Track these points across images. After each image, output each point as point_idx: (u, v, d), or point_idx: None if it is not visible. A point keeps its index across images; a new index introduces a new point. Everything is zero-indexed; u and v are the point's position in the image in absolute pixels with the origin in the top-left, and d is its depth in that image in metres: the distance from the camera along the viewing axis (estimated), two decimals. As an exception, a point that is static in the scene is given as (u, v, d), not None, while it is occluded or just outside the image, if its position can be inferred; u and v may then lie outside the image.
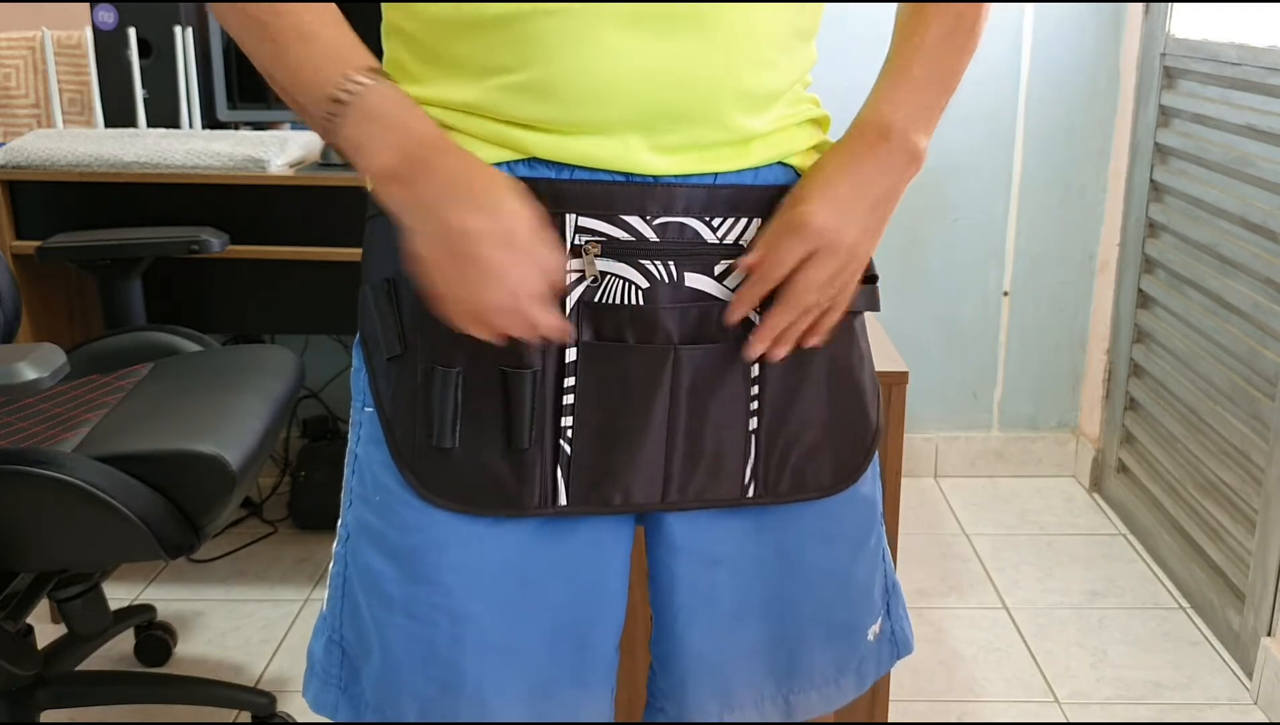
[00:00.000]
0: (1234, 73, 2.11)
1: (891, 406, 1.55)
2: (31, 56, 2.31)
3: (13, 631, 1.65)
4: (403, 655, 0.92)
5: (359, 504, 0.94)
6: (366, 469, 0.93)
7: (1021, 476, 2.84)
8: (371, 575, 0.92)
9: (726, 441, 0.92)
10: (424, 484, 0.89)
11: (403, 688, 0.92)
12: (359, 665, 0.95)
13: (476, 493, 0.89)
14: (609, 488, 0.90)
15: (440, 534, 0.90)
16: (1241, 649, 2.02)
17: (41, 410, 1.68)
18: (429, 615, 0.91)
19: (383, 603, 0.92)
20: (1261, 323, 2.00)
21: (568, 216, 0.86)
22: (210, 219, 2.05)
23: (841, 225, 0.86)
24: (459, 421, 0.88)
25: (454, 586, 0.90)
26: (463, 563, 0.90)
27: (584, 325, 0.87)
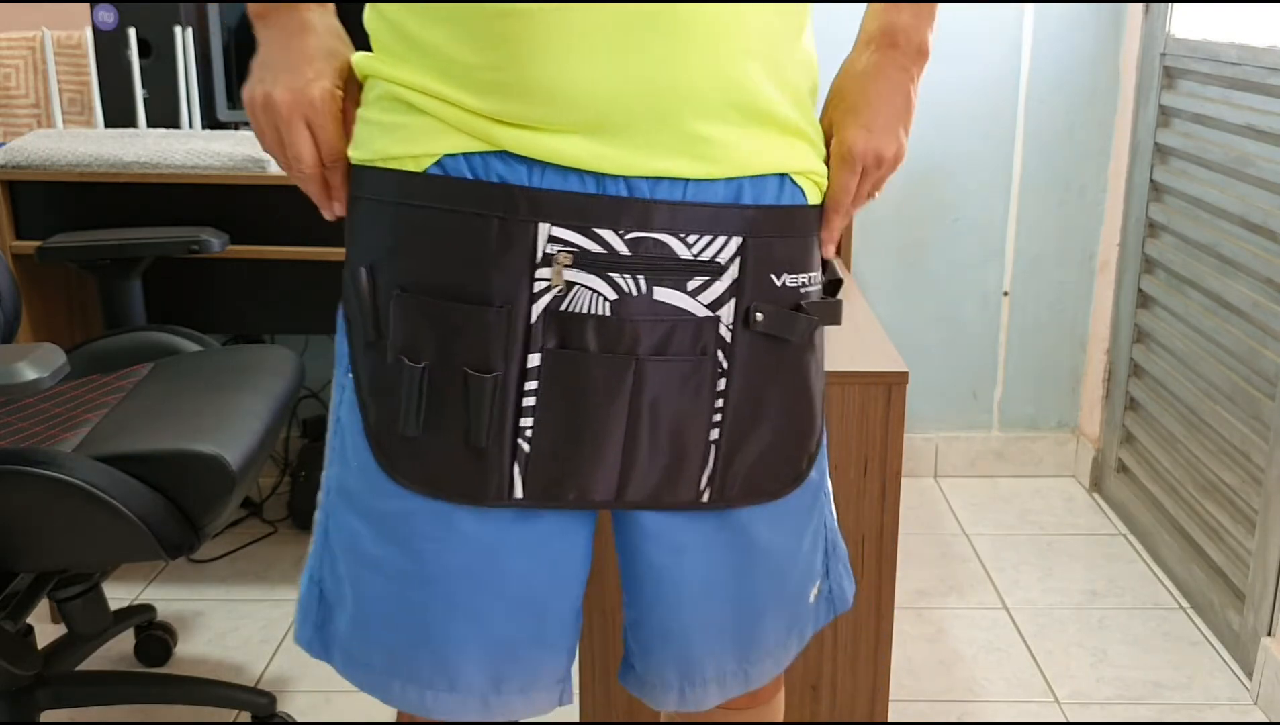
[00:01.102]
0: (1234, 73, 2.11)
1: (891, 406, 1.55)
2: (31, 56, 2.31)
3: (13, 631, 1.65)
4: (374, 609, 0.97)
5: (339, 464, 0.98)
6: (347, 434, 0.96)
7: (1021, 476, 2.84)
8: (350, 532, 0.97)
9: (687, 450, 0.94)
10: (393, 467, 0.93)
11: (372, 638, 0.98)
12: (333, 609, 1.00)
13: (440, 480, 0.92)
14: (565, 486, 0.94)
15: (413, 506, 0.94)
16: (1241, 649, 2.02)
17: (41, 410, 1.68)
18: (401, 576, 0.95)
19: (358, 558, 0.97)
20: (1261, 323, 2.00)
21: (540, 225, 0.87)
22: (210, 219, 2.06)
23: (881, 144, 0.96)
24: (423, 413, 0.91)
25: (425, 554, 0.95)
26: (433, 534, 0.94)
27: (549, 333, 0.89)
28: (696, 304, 0.90)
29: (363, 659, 0.99)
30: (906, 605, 2.23)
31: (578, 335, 0.89)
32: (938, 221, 2.70)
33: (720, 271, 0.90)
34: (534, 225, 0.86)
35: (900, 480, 1.58)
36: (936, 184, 2.67)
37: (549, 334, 0.89)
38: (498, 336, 0.88)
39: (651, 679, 1.06)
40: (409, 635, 0.97)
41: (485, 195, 0.87)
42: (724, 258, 0.90)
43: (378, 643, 0.98)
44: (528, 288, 0.88)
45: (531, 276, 0.87)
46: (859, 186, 0.97)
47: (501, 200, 0.86)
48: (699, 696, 1.06)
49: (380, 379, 0.92)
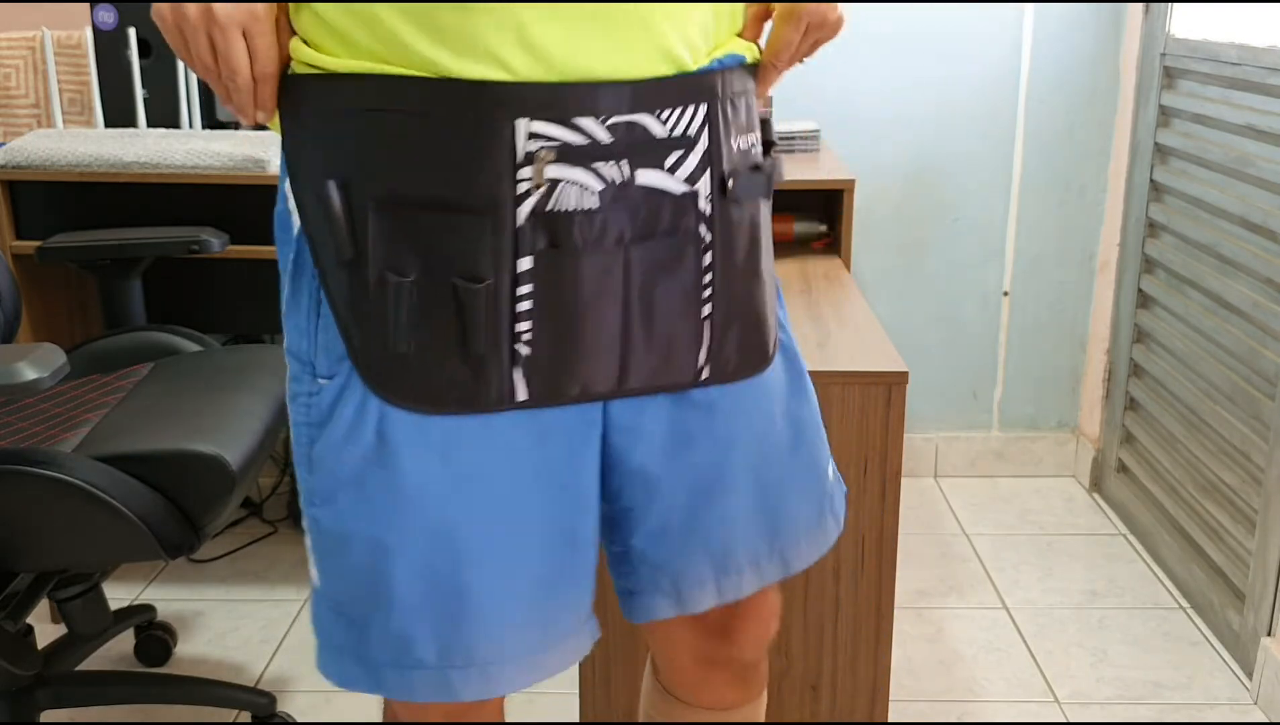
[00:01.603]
0: (1234, 73, 2.11)
1: (891, 406, 1.55)
2: (31, 56, 2.31)
3: (13, 631, 1.65)
4: (407, 595, 0.92)
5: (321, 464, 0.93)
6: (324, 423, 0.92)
7: (1021, 476, 2.84)
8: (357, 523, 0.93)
9: (681, 330, 0.95)
10: (384, 388, 0.89)
11: (415, 634, 0.93)
12: (365, 623, 0.94)
13: (436, 394, 0.89)
14: (567, 383, 0.92)
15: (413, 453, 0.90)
16: (1241, 649, 2.02)
17: (41, 410, 1.68)
18: (423, 545, 0.92)
19: (373, 550, 0.92)
20: (1261, 323, 2.00)
21: (517, 122, 0.84)
22: (210, 219, 2.05)
23: (827, 4, 0.95)
24: (414, 328, 0.88)
25: (440, 504, 0.91)
26: (445, 475, 0.91)
27: (538, 234, 0.87)
28: (674, 181, 0.90)
29: (413, 662, 0.94)
30: (906, 605, 2.23)
31: (566, 232, 0.87)
32: (938, 221, 2.70)
33: (693, 144, 0.91)
34: (511, 123, 0.84)
35: (900, 480, 1.58)
36: (936, 184, 2.67)
37: (538, 235, 0.87)
38: (485, 245, 0.86)
39: (685, 583, 1.04)
40: (452, 610, 0.93)
41: (458, 95, 0.84)
42: (694, 129, 0.90)
43: (423, 636, 0.93)
44: (511, 190, 0.85)
45: (514, 178, 0.85)
46: (799, 44, 0.96)
47: (474, 99, 0.84)
48: (735, 584, 1.06)
49: (360, 301, 0.89)
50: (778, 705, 1.69)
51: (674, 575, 1.04)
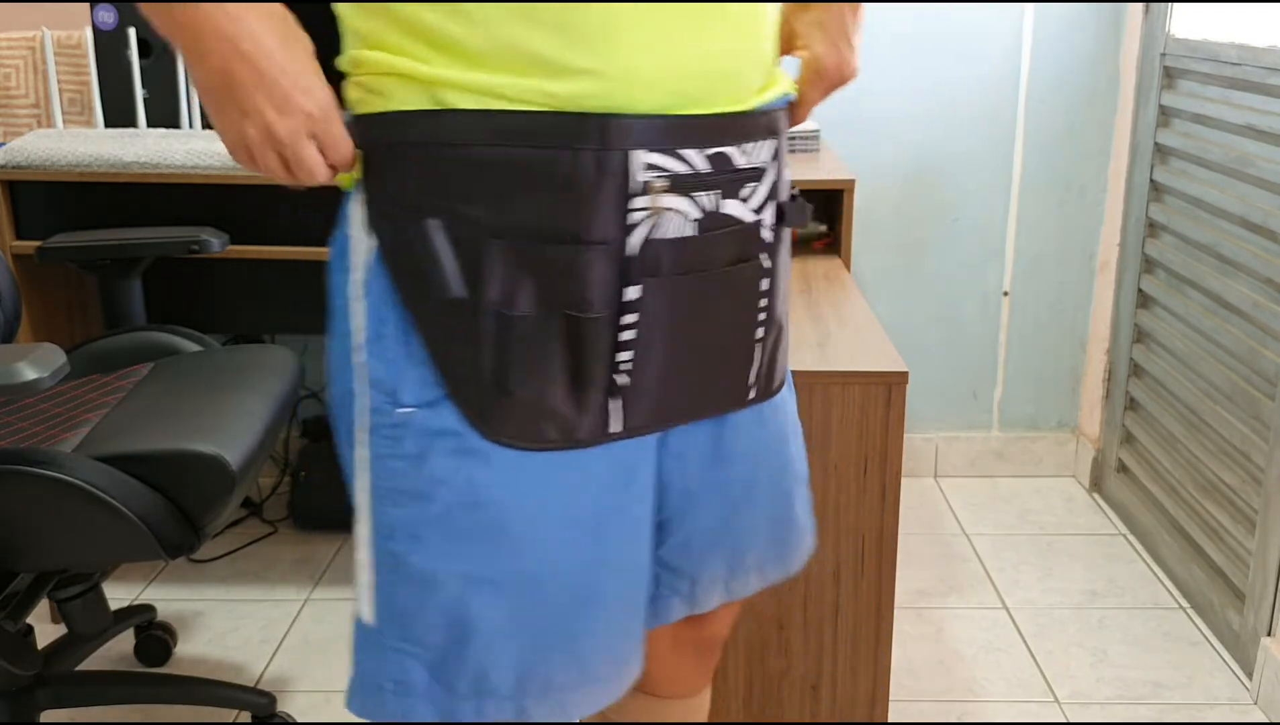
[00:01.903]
0: (1234, 73, 2.11)
1: (891, 406, 1.55)
2: (31, 56, 2.31)
3: (13, 631, 1.65)
4: (490, 630, 0.90)
5: (407, 501, 0.90)
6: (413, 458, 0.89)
7: (1021, 476, 2.84)
8: (447, 561, 0.89)
9: (742, 355, 0.99)
10: (485, 423, 0.88)
11: (492, 661, 0.91)
12: (440, 663, 0.91)
13: (538, 429, 0.89)
14: (653, 411, 0.94)
15: (510, 488, 0.89)
16: (1241, 649, 2.02)
17: (41, 410, 1.68)
18: (516, 581, 0.90)
19: (462, 587, 0.89)
20: (1261, 323, 2.00)
21: (633, 153, 0.85)
22: (210, 219, 2.05)
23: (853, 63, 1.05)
24: (523, 363, 0.87)
25: (536, 541, 0.90)
26: (540, 510, 0.90)
27: (645, 263, 0.88)
28: (746, 210, 0.94)
29: (488, 690, 0.92)
30: (906, 605, 2.23)
31: (669, 261, 0.89)
32: (938, 221, 2.70)
33: (762, 175, 0.95)
34: (626, 153, 0.85)
35: (900, 480, 1.58)
36: (936, 184, 2.67)
37: (645, 264, 0.88)
38: (598, 275, 0.86)
39: (700, 585, 1.08)
40: (537, 643, 0.92)
41: (575, 128, 0.84)
42: (764, 161, 0.95)
43: (501, 667, 0.91)
44: (623, 220, 0.86)
45: (626, 207, 0.86)
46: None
47: (593, 131, 0.84)
48: (743, 585, 1.10)
49: (461, 336, 0.87)
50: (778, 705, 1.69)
51: (692, 579, 1.07)
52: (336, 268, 0.93)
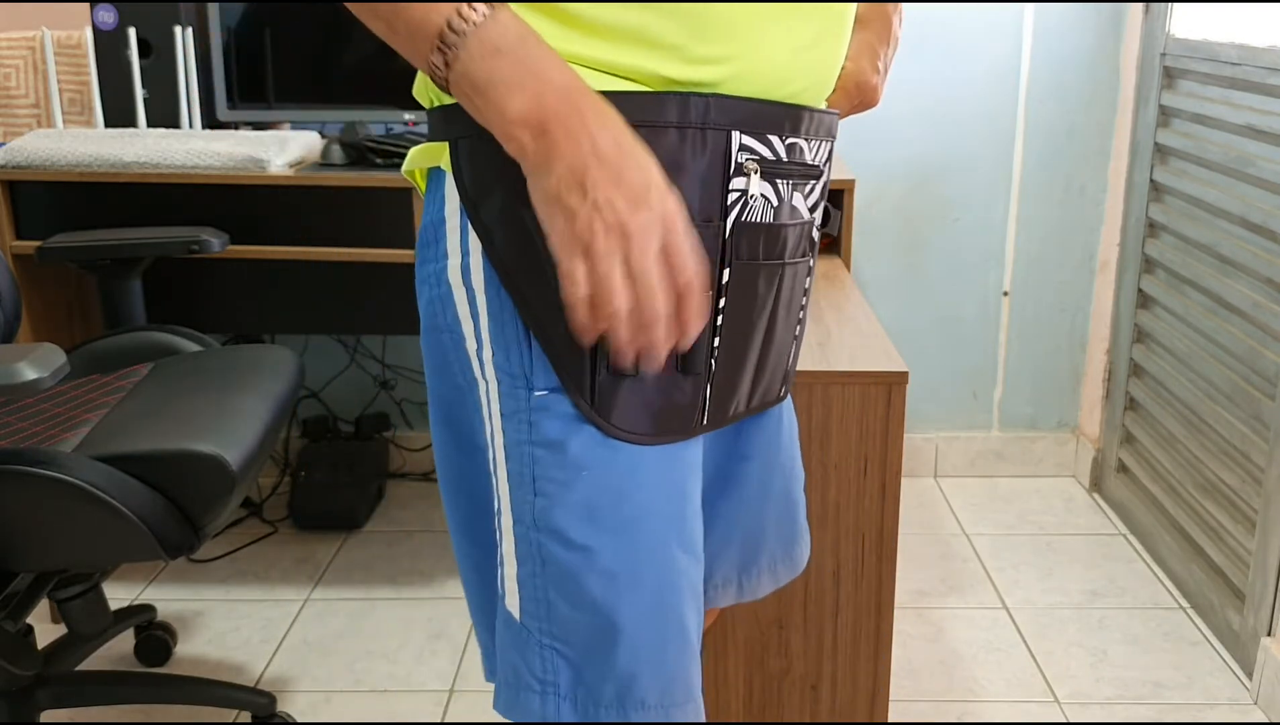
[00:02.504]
0: (1234, 73, 2.11)
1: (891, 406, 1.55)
2: (31, 56, 2.31)
3: (13, 631, 1.65)
4: (635, 633, 0.87)
5: (548, 489, 0.86)
6: (550, 446, 0.86)
7: (1021, 476, 2.84)
8: (583, 557, 0.86)
9: (787, 350, 0.99)
10: (605, 416, 0.85)
11: (640, 668, 0.88)
12: (586, 662, 0.89)
13: (656, 419, 0.86)
14: (732, 402, 0.93)
15: (635, 480, 0.87)
16: (1241, 649, 2.02)
17: (41, 410, 1.68)
18: (650, 579, 0.88)
19: (605, 584, 0.86)
20: (1261, 323, 2.00)
21: (733, 133, 0.84)
22: (210, 219, 2.06)
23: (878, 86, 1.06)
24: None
25: (663, 536, 0.88)
26: (663, 511, 0.88)
27: (738, 246, 0.87)
28: (805, 206, 0.94)
29: (635, 703, 0.89)
30: (906, 605, 2.23)
31: (752, 245, 0.88)
32: (938, 221, 2.70)
33: (820, 175, 0.95)
34: (728, 133, 0.83)
35: (900, 480, 1.58)
36: (936, 183, 2.67)
37: (736, 248, 0.87)
38: (707, 255, 0.84)
39: (710, 583, 1.07)
40: (677, 646, 0.90)
41: (683, 105, 0.82)
42: (823, 160, 0.94)
43: (647, 674, 0.89)
44: (724, 200, 0.85)
45: (726, 187, 0.85)
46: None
47: (701, 109, 0.82)
48: (754, 586, 1.10)
49: (561, 329, 0.83)
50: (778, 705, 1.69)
51: (705, 575, 1.06)
52: (430, 257, 0.89)
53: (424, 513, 2.64)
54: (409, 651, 2.09)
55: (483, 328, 0.86)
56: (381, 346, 2.75)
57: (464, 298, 0.87)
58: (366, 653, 2.09)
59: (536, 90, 0.74)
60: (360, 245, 2.05)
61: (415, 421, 2.82)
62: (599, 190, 0.73)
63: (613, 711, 0.89)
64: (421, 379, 2.77)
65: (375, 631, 2.15)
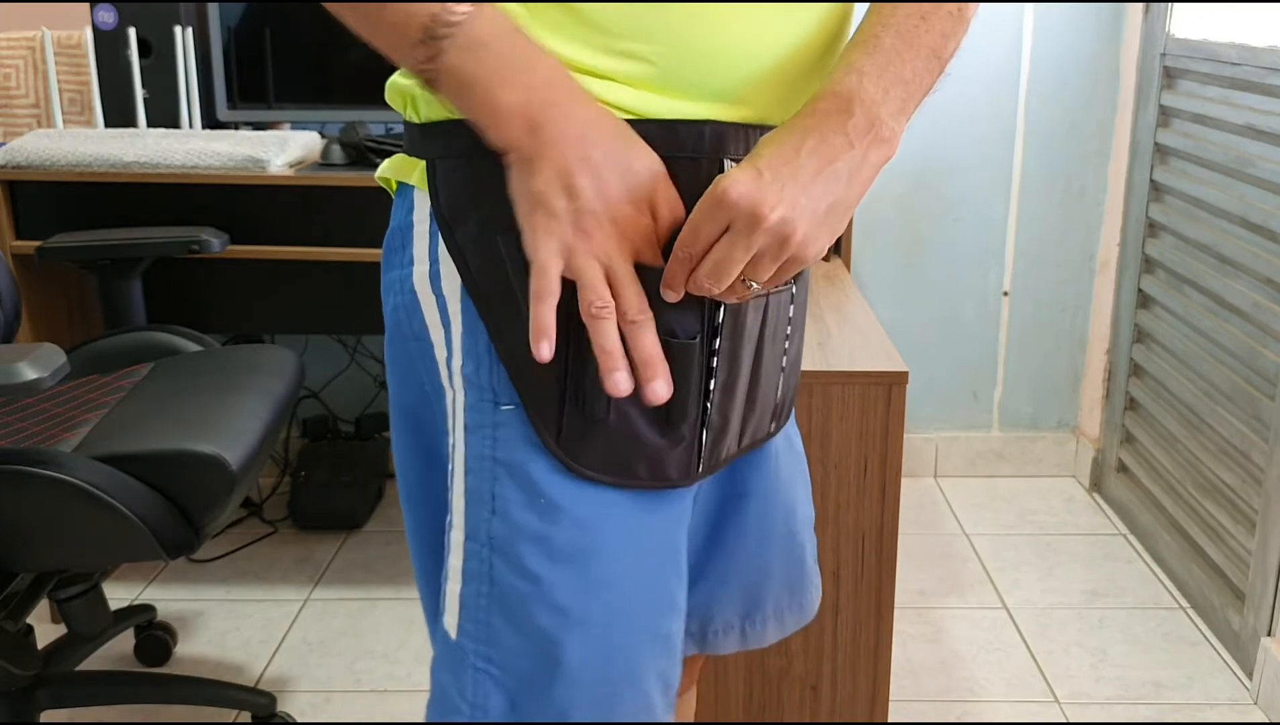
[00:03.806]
0: (1234, 73, 2.11)
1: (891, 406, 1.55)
2: (31, 56, 2.31)
3: (13, 631, 1.65)
4: (576, 669, 0.84)
5: (507, 510, 0.83)
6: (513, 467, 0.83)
7: (1021, 476, 2.83)
8: (533, 587, 0.83)
9: (774, 383, 0.93)
10: (573, 457, 0.81)
11: (574, 703, 0.85)
12: (522, 693, 0.85)
13: (629, 465, 0.82)
14: (724, 447, 0.89)
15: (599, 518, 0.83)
16: (1241, 649, 2.02)
17: (41, 410, 1.68)
18: (600, 619, 0.84)
19: (551, 615, 0.83)
20: (1261, 323, 2.00)
21: (726, 162, 0.81)
22: (210, 219, 2.06)
23: (764, 198, 0.73)
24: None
25: (624, 583, 0.84)
26: (628, 554, 0.84)
27: None
28: None
29: None
30: (906, 605, 2.23)
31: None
32: (938, 221, 2.70)
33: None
34: (721, 161, 0.80)
35: (900, 480, 1.58)
36: (936, 183, 2.67)
37: None
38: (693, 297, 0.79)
39: (710, 627, 1.03)
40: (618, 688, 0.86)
41: (682, 136, 0.79)
42: None
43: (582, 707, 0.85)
44: None
45: None
46: (721, 247, 0.75)
47: (696, 139, 0.79)
48: (759, 634, 1.05)
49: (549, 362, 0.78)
50: (778, 705, 1.69)
51: (702, 619, 1.03)
52: (396, 263, 0.87)
53: (424, 513, 2.64)
54: (409, 651, 2.09)
55: (454, 336, 0.84)
56: (381, 347, 2.75)
57: (432, 305, 0.85)
58: (366, 653, 2.09)
59: (527, 84, 0.73)
60: (360, 245, 2.05)
61: (415, 421, 2.81)
62: (584, 196, 0.73)
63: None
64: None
65: (375, 631, 2.15)
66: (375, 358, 2.75)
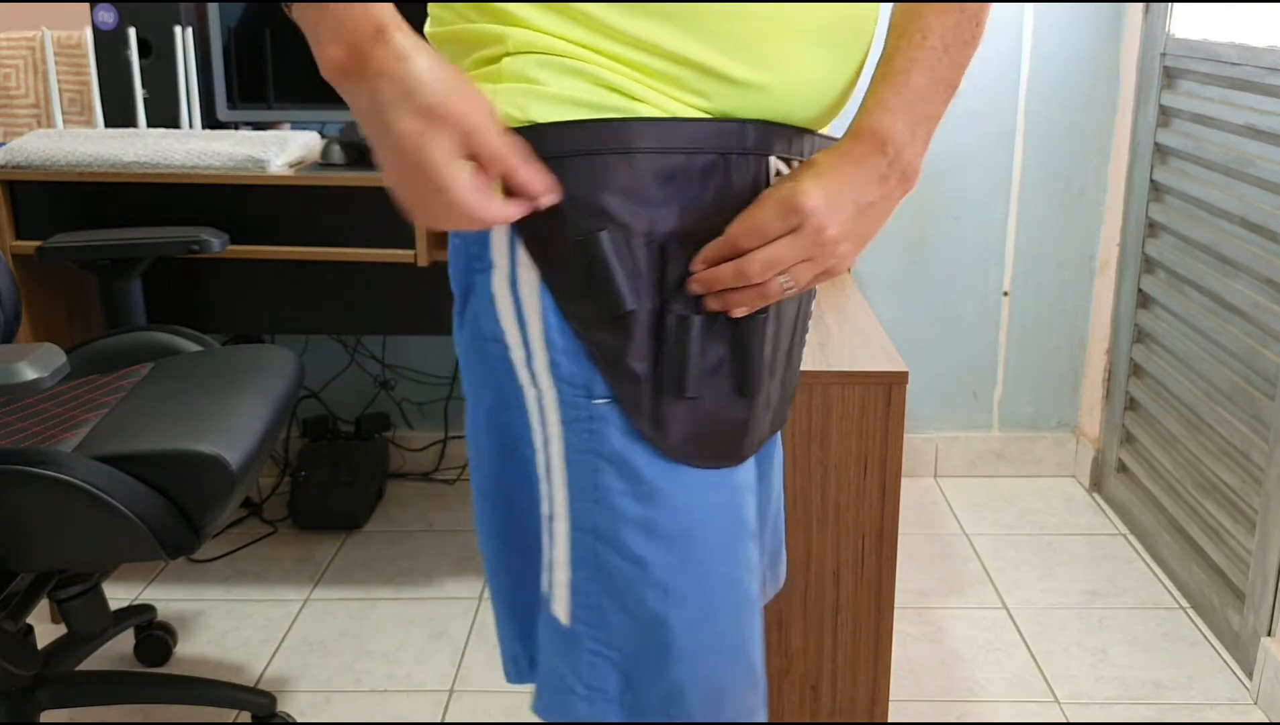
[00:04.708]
0: (1234, 73, 2.11)
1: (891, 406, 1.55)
2: (31, 56, 2.31)
3: (13, 631, 1.65)
4: (686, 648, 0.89)
5: (610, 499, 0.87)
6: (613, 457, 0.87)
7: (1021, 476, 2.83)
8: (639, 569, 0.87)
9: (795, 371, 1.00)
10: (668, 442, 0.86)
11: (689, 682, 0.90)
12: (635, 671, 0.90)
13: (713, 444, 0.88)
14: (766, 423, 0.94)
15: (691, 497, 0.88)
16: (1241, 649, 2.02)
17: (41, 410, 1.68)
18: (705, 596, 0.89)
19: (660, 597, 0.88)
20: (1261, 323, 2.00)
21: (770, 159, 0.87)
22: (210, 219, 2.06)
23: (828, 215, 0.83)
24: (700, 372, 0.86)
25: (718, 557, 0.89)
26: (717, 529, 0.89)
27: None
28: None
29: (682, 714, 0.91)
30: (906, 605, 2.23)
31: None
32: (938, 220, 2.70)
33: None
34: (767, 159, 0.87)
35: (900, 480, 1.58)
36: (937, 183, 2.67)
37: None
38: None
39: None
40: (729, 664, 0.92)
41: (735, 134, 0.85)
42: None
43: (696, 688, 0.90)
44: None
45: None
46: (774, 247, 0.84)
47: (748, 137, 0.86)
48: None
49: (631, 351, 0.84)
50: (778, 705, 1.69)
51: None
52: (476, 267, 0.89)
53: (424, 513, 2.64)
54: (409, 651, 2.09)
55: (532, 335, 0.86)
56: (381, 346, 2.75)
57: (509, 307, 0.87)
58: (366, 653, 2.09)
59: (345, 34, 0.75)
60: (360, 245, 2.05)
61: (415, 421, 2.82)
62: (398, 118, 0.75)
63: (658, 719, 0.90)
64: (421, 379, 2.77)
65: (375, 631, 2.15)
66: (375, 358, 2.75)
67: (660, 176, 0.83)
